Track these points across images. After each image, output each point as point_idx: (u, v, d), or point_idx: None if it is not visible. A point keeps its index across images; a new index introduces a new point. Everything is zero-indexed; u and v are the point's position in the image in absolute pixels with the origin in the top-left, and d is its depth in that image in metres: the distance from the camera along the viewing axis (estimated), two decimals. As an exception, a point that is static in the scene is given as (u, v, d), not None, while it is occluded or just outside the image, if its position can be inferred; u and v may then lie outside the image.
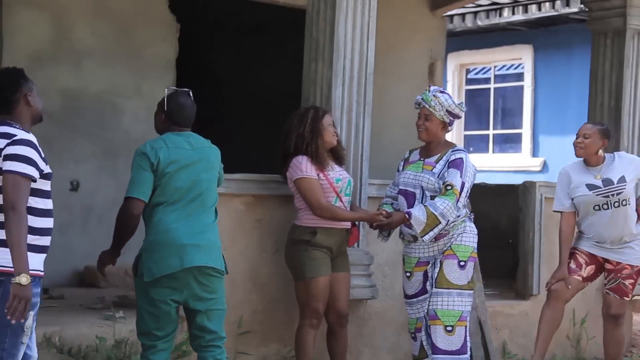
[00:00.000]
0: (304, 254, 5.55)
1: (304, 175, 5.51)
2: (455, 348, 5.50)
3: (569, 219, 6.16)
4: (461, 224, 5.55)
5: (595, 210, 6.09)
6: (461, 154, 5.56)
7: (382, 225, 5.60)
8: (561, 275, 6.11)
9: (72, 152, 7.96)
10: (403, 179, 5.66)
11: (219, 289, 4.78)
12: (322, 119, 5.61)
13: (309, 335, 5.59)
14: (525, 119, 13.60)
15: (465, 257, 5.53)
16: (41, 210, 3.93)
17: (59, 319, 5.86)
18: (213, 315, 4.77)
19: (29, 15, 7.76)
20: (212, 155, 4.86)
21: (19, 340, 3.86)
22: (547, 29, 13.15)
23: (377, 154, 6.96)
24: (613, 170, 6.09)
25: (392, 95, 9.36)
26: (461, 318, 5.51)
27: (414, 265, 5.63)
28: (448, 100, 5.57)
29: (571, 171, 6.18)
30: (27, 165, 3.83)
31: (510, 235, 7.37)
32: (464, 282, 5.53)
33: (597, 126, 6.17)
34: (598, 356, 7.32)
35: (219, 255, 4.78)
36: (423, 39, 9.93)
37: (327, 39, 6.05)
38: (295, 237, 5.61)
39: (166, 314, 4.70)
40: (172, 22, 8.53)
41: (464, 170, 5.48)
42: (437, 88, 5.68)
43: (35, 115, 4.05)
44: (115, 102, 8.18)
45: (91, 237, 8.02)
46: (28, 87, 4.02)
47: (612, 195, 6.04)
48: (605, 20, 7.90)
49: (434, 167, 5.56)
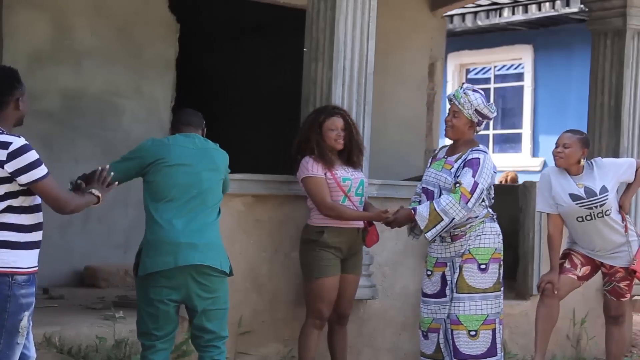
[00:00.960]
0: (312, 254, 5.55)
1: (310, 174, 5.52)
2: (479, 352, 5.46)
3: (555, 220, 6.12)
4: (480, 225, 5.51)
5: (579, 221, 6.06)
6: (479, 153, 5.49)
7: (389, 222, 5.58)
8: (551, 279, 6.10)
9: (72, 152, 7.95)
10: (426, 177, 5.66)
11: (219, 288, 4.77)
12: (324, 124, 5.59)
13: (312, 335, 5.59)
14: (525, 119, 13.60)
15: (486, 259, 5.49)
16: (29, 207, 3.93)
17: (59, 319, 5.86)
18: (212, 315, 4.76)
19: (29, 15, 7.75)
20: (217, 157, 4.87)
21: (14, 341, 3.86)
22: (547, 29, 13.15)
23: (377, 154, 6.96)
24: (594, 179, 6.04)
25: (392, 96, 9.35)
26: (486, 321, 5.47)
27: (433, 265, 5.62)
28: (478, 100, 5.52)
29: (553, 176, 6.11)
30: (42, 167, 3.90)
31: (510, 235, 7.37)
32: (488, 285, 5.49)
33: (576, 135, 6.07)
34: (598, 356, 7.32)
35: (219, 255, 4.77)
36: (423, 39, 9.92)
37: (327, 39, 6.05)
38: (305, 236, 5.63)
39: (165, 314, 4.70)
40: (172, 22, 8.53)
41: (478, 171, 5.42)
42: (469, 86, 5.64)
43: (19, 118, 4.03)
44: (115, 102, 8.17)
45: (91, 237, 8.03)
46: (21, 91, 3.99)
47: (595, 207, 6.00)
48: (605, 20, 7.90)
49: (452, 166, 5.54)
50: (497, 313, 5.53)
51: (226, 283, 4.83)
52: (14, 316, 3.82)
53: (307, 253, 5.59)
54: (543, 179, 6.19)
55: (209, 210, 4.78)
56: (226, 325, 4.86)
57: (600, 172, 6.07)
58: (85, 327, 5.68)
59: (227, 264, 4.80)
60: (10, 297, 3.82)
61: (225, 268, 4.78)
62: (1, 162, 3.83)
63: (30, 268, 3.88)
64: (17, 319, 3.82)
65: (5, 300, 3.82)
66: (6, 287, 3.82)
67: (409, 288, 6.49)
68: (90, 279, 7.90)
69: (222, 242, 4.83)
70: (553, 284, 6.08)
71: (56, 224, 7.59)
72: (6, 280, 3.82)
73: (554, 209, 6.10)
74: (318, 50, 6.09)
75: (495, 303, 5.52)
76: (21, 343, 3.90)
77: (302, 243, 5.65)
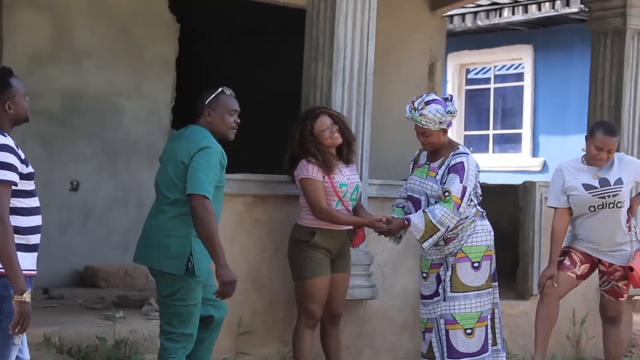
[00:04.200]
0: (302, 254, 5.55)
1: (309, 176, 5.51)
2: (475, 350, 5.49)
3: (562, 215, 6.12)
4: (471, 225, 5.53)
5: (591, 211, 6.07)
6: (462, 157, 5.50)
7: (383, 231, 5.59)
8: (550, 273, 6.09)
9: (72, 152, 7.96)
10: (410, 185, 5.65)
11: (161, 286, 4.72)
12: (314, 128, 5.57)
13: (305, 335, 5.60)
14: (525, 119, 13.59)
15: (478, 257, 5.52)
16: (27, 209, 3.91)
17: (58, 319, 5.86)
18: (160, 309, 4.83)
19: (29, 16, 7.75)
20: (182, 147, 4.70)
21: (11, 342, 3.85)
22: (547, 29, 13.14)
23: (377, 154, 6.96)
24: (611, 171, 6.08)
25: (392, 96, 9.35)
26: (480, 319, 5.50)
27: (429, 267, 5.62)
28: (437, 113, 5.43)
29: (565, 170, 6.13)
30: (7, 172, 3.78)
31: (510, 235, 7.37)
32: (482, 282, 5.52)
33: (616, 136, 6.03)
34: (598, 356, 7.32)
35: (159, 254, 4.66)
36: (423, 39, 9.92)
37: (327, 39, 6.05)
38: (295, 236, 5.62)
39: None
40: (172, 22, 8.53)
41: (464, 175, 5.43)
42: (421, 101, 5.51)
43: (16, 118, 3.97)
44: (115, 102, 8.18)
45: (91, 237, 8.03)
46: (9, 95, 3.92)
47: (607, 197, 6.02)
48: (605, 20, 7.90)
49: (437, 173, 5.53)
50: (488, 310, 5.57)
51: (172, 281, 4.67)
52: (9, 317, 3.80)
53: (297, 253, 5.59)
54: (556, 174, 6.19)
55: (164, 207, 4.68)
56: (174, 322, 4.74)
57: (620, 166, 6.09)
58: (85, 327, 5.68)
59: (174, 262, 4.63)
60: (6, 297, 3.81)
61: (162, 267, 4.67)
62: None
63: (27, 271, 3.85)
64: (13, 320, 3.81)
65: (2, 302, 3.82)
66: (2, 288, 3.81)
67: (409, 288, 6.49)
68: (90, 279, 7.90)
69: (170, 240, 4.67)
70: (553, 278, 6.07)
71: (56, 224, 7.61)
72: (2, 282, 3.81)
73: (563, 204, 6.10)
74: (318, 50, 6.09)
75: (488, 299, 5.56)
76: (17, 344, 3.88)
77: (292, 243, 5.64)
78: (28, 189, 3.93)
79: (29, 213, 3.92)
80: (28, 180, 3.92)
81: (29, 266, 3.89)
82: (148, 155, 8.06)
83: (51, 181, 7.65)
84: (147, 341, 5.64)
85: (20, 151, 3.91)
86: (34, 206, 3.94)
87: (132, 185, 8.21)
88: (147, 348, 5.61)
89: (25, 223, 3.90)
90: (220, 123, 4.83)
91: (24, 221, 3.89)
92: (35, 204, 3.95)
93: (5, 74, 3.97)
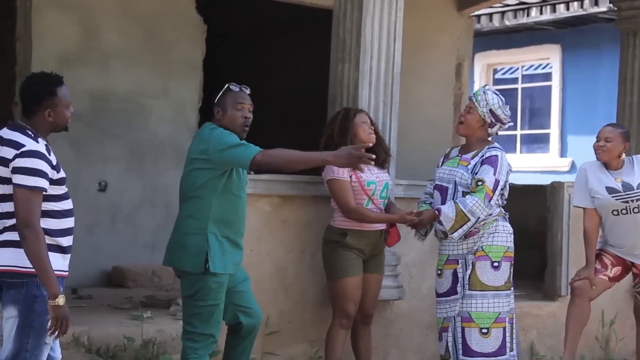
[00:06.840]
0: (334, 255, 5.55)
1: (335, 177, 5.51)
2: (490, 350, 5.47)
3: (592, 215, 6.07)
4: (493, 223, 5.51)
5: (614, 215, 6.02)
6: (497, 151, 5.52)
7: (414, 224, 5.58)
8: (587, 274, 6.05)
9: (100, 153, 8.00)
10: (439, 174, 5.66)
11: (183, 287, 4.79)
12: (355, 118, 5.58)
13: (339, 335, 5.59)
14: (553, 119, 13.53)
15: (499, 257, 5.49)
16: (59, 211, 3.93)
17: (87, 318, 5.89)
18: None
19: (58, 17, 7.80)
20: (194, 145, 4.82)
21: (42, 341, 3.88)
22: (576, 28, 13.07)
23: (404, 155, 6.95)
24: (633, 174, 6.02)
25: (418, 96, 9.34)
26: (498, 319, 5.47)
27: (444, 263, 5.61)
28: (494, 100, 5.55)
29: (589, 171, 6.09)
30: (38, 178, 3.81)
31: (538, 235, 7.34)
32: (501, 283, 5.50)
33: (618, 129, 6.09)
34: (627, 357, 7.27)
35: (179, 253, 4.73)
36: (450, 39, 9.90)
37: (353, 40, 6.05)
38: (328, 237, 5.63)
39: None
40: (199, 23, 8.56)
41: (498, 168, 5.44)
42: (491, 88, 5.70)
43: (56, 127, 4.00)
44: (142, 103, 8.21)
45: (119, 237, 8.07)
46: (52, 103, 3.94)
47: (631, 201, 5.97)
48: (634, 20, 7.85)
49: (469, 162, 5.54)
50: (507, 312, 5.54)
51: (188, 280, 4.76)
52: (41, 316, 3.84)
53: (330, 254, 5.59)
54: (580, 173, 6.16)
55: (182, 205, 4.81)
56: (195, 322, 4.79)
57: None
58: (113, 327, 5.71)
59: (189, 260, 4.70)
60: (38, 297, 3.84)
61: (178, 265, 4.76)
62: (7, 160, 3.83)
63: (59, 271, 3.88)
64: (45, 319, 3.83)
65: (33, 301, 3.85)
66: (34, 287, 3.84)
67: (436, 289, 6.47)
68: (118, 279, 7.94)
69: (183, 238, 4.74)
70: (590, 280, 6.03)
71: (84, 225, 7.64)
72: (34, 282, 3.84)
73: (590, 204, 6.06)
74: (345, 51, 6.09)
75: (506, 301, 5.53)
76: (49, 343, 3.92)
77: (325, 244, 5.65)
78: (59, 193, 3.94)
79: (61, 216, 3.94)
80: (59, 185, 3.94)
81: (60, 266, 3.91)
82: (175, 155, 8.08)
83: (79, 182, 7.69)
84: (175, 341, 5.66)
85: (53, 156, 3.92)
86: (66, 209, 3.96)
87: (159, 186, 8.24)
88: (174, 348, 5.63)
89: (56, 225, 3.92)
90: (228, 119, 4.87)
91: (55, 224, 3.92)
92: (67, 207, 3.97)
93: (53, 82, 3.98)
